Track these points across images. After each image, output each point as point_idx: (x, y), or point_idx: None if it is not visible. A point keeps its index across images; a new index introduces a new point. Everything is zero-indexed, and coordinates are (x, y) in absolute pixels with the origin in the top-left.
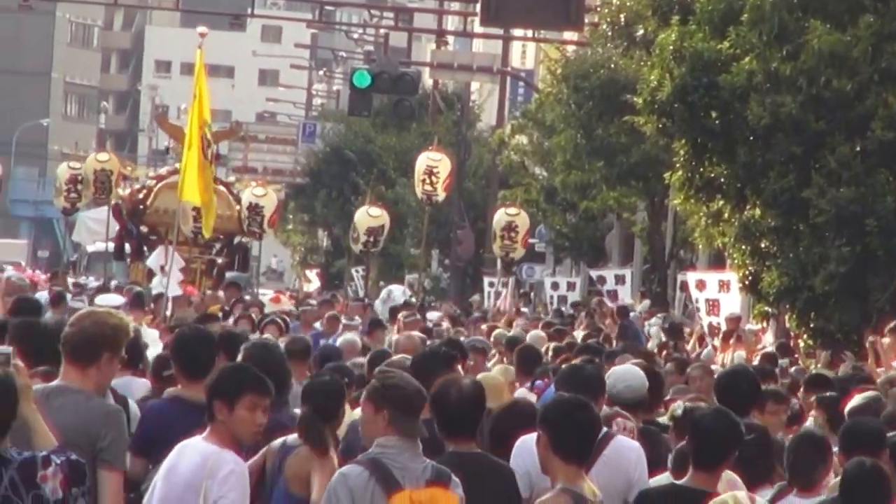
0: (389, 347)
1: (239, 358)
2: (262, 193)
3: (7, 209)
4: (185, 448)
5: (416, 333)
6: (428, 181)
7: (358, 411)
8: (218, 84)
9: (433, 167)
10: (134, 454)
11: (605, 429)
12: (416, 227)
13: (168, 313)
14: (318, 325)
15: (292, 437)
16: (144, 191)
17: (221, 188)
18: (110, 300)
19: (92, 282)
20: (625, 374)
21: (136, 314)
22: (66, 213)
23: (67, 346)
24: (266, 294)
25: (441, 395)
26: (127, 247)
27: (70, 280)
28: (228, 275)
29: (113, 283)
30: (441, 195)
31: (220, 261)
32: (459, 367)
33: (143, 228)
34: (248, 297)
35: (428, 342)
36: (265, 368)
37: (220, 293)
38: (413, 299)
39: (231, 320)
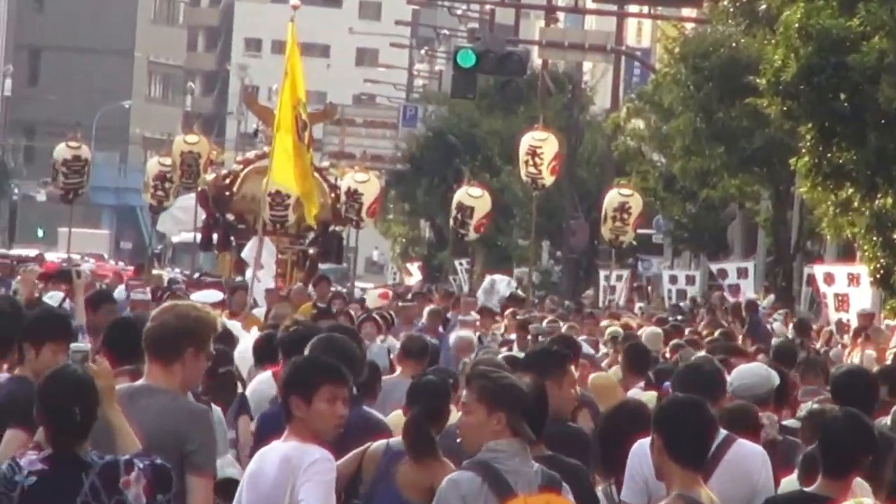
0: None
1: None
2: (364, 179)
3: (87, 197)
4: (266, 453)
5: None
6: (532, 163)
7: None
8: (312, 64)
9: (537, 148)
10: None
11: (724, 431)
12: (523, 217)
13: (255, 310)
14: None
15: (395, 441)
16: (230, 176)
17: (314, 174)
18: (207, 297)
19: (176, 274)
20: (743, 371)
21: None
22: (154, 211)
23: (149, 343)
24: (368, 288)
25: None
26: (214, 237)
27: (158, 273)
28: (323, 267)
29: (199, 276)
30: (548, 179)
31: (311, 252)
32: (572, 367)
33: (230, 216)
34: (342, 290)
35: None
36: None
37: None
38: (519, 291)
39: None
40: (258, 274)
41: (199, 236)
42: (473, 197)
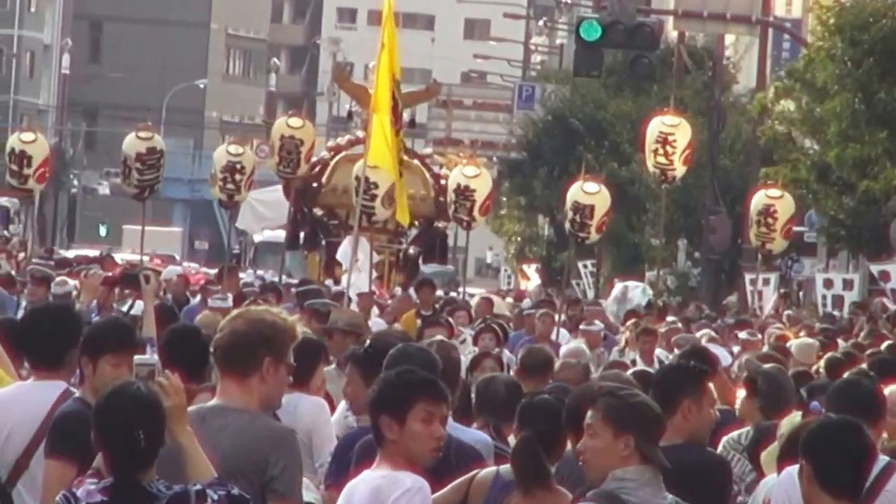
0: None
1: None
2: (475, 174)
3: (157, 189)
4: (355, 486)
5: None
6: (661, 152)
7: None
8: (414, 37)
9: (668, 135)
10: (329, 488)
11: (885, 458)
12: (656, 212)
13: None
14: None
15: (506, 469)
16: (319, 165)
17: (415, 163)
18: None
19: (252, 278)
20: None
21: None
22: (225, 206)
23: (219, 355)
24: (479, 294)
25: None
26: (301, 235)
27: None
28: (426, 270)
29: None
30: (680, 170)
31: (411, 251)
32: (711, 384)
33: (318, 211)
34: (454, 296)
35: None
36: None
37: (414, 293)
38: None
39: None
40: (353, 279)
41: (284, 234)
42: (590, 193)
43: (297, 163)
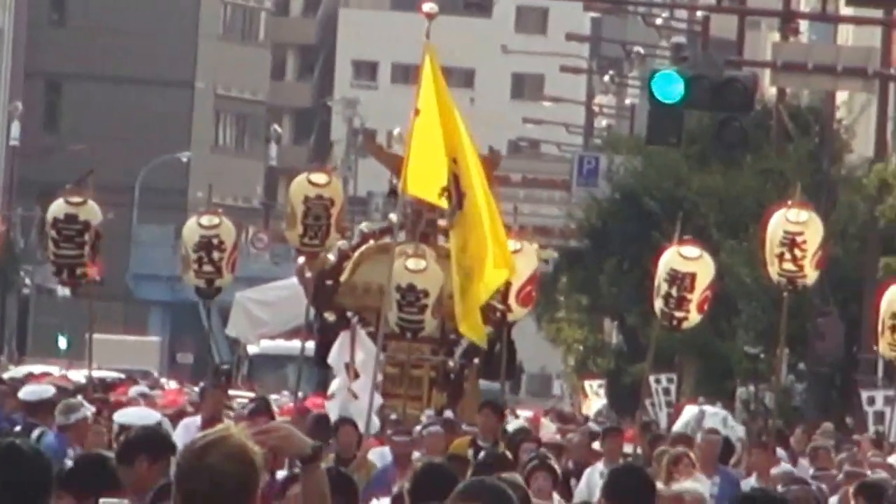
0: None
1: None
2: (515, 248)
3: (129, 289)
4: None
5: None
6: (789, 257)
7: None
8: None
9: (796, 235)
10: None
11: None
12: (751, 314)
13: (373, 451)
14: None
15: None
16: (334, 258)
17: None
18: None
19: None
20: None
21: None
22: (202, 296)
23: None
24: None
25: None
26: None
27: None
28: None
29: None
30: (811, 276)
31: (451, 364)
32: None
33: (330, 317)
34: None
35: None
36: None
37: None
38: (738, 432)
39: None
40: (353, 387)
41: (286, 344)
42: (689, 259)
43: (326, 231)
